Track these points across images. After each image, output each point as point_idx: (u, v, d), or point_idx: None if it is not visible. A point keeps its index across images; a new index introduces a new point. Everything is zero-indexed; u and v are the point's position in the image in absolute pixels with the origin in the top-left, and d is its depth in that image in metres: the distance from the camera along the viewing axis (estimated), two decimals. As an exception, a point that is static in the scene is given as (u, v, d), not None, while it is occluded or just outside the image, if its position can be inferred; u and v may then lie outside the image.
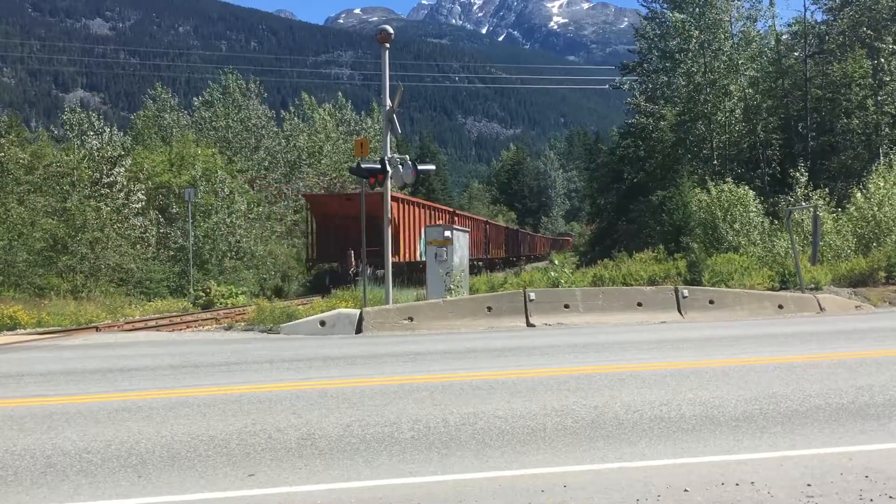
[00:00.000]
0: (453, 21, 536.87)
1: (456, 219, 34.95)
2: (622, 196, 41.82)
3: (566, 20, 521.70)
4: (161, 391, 7.28)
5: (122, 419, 5.99)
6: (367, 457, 4.81)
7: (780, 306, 14.83)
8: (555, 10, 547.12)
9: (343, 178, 47.83)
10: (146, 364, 9.44)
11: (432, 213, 31.85)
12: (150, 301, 24.79)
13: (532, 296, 13.95)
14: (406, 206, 27.92)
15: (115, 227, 29.27)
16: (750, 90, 32.70)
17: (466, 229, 21.42)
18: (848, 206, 23.79)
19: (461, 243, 17.56)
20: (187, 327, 16.34)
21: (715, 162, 32.51)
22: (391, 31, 15.53)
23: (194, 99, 52.52)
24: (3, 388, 7.81)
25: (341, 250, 23.41)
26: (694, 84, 32.62)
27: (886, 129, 30.87)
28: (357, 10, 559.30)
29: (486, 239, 43.05)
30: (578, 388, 6.80)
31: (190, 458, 4.85)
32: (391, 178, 15.08)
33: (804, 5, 43.93)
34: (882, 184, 23.20)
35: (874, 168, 26.33)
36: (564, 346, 10.29)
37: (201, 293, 23.52)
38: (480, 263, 37.95)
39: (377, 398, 6.57)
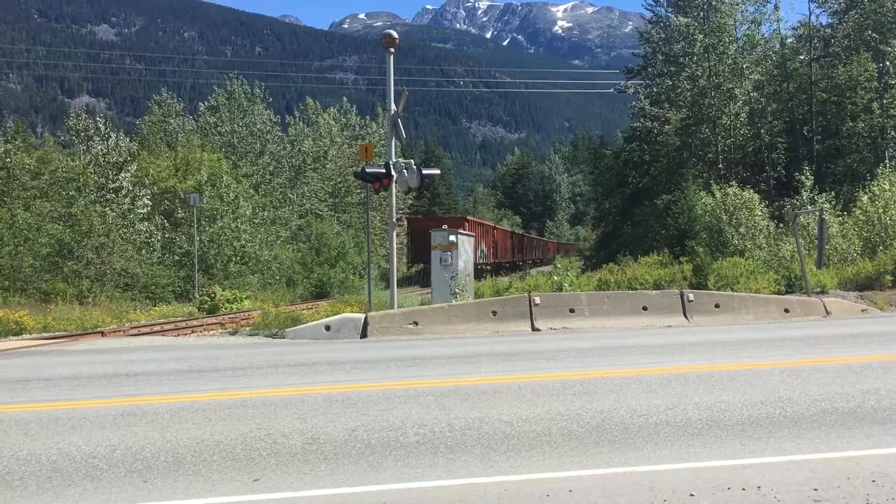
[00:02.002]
0: (458, 25, 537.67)
1: (496, 231, 46.26)
2: (627, 200, 41.80)
3: (570, 24, 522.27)
4: (166, 396, 7.28)
5: (128, 424, 6.00)
6: (373, 461, 4.80)
7: (786, 310, 14.77)
8: (559, 15, 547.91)
9: (348, 183, 48.00)
10: (151, 369, 9.45)
11: (482, 228, 40.97)
12: (155, 306, 24.87)
13: (537, 300, 13.93)
14: (471, 226, 37.24)
15: (121, 232, 29.37)
16: (755, 94, 32.69)
17: (471, 234, 21.82)
18: (854, 209, 23.69)
19: (466, 248, 17.51)
20: (192, 332, 16.36)
21: (720, 165, 32.51)
22: (396, 35, 15.51)
23: (199, 104, 52.76)
24: (10, 393, 7.82)
25: (429, 254, 32.10)
26: (699, 88, 32.62)
27: (892, 133, 30.81)
28: (361, 15, 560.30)
29: (512, 245, 54.79)
30: (584, 392, 6.78)
31: (195, 463, 4.85)
32: (396, 183, 15.09)
33: (809, 9, 43.96)
34: (888, 187, 23.07)
35: (880, 171, 26.21)
36: (569, 350, 10.27)
37: (206, 298, 23.57)
38: (507, 265, 48.65)
39: (382, 403, 6.56)
